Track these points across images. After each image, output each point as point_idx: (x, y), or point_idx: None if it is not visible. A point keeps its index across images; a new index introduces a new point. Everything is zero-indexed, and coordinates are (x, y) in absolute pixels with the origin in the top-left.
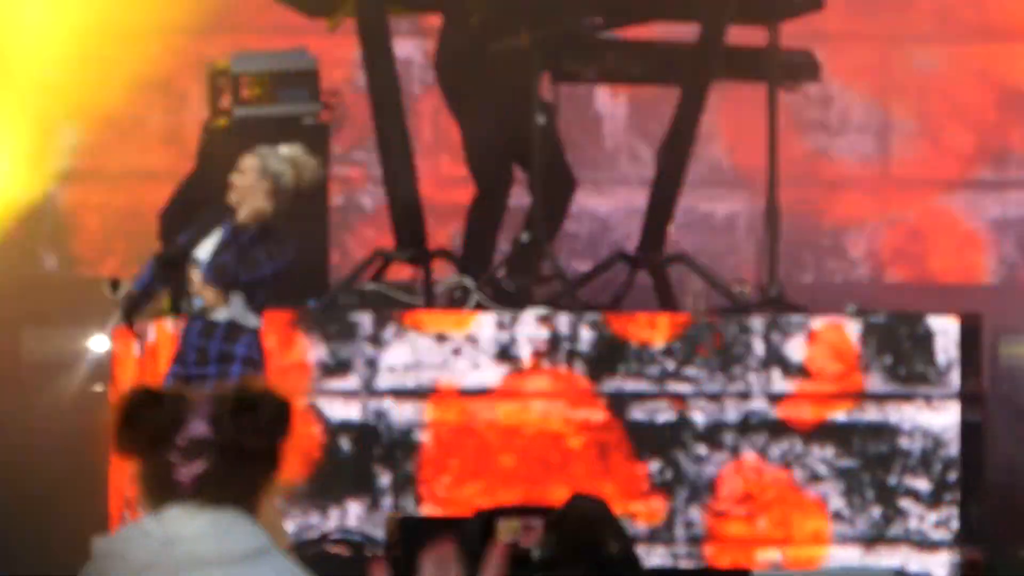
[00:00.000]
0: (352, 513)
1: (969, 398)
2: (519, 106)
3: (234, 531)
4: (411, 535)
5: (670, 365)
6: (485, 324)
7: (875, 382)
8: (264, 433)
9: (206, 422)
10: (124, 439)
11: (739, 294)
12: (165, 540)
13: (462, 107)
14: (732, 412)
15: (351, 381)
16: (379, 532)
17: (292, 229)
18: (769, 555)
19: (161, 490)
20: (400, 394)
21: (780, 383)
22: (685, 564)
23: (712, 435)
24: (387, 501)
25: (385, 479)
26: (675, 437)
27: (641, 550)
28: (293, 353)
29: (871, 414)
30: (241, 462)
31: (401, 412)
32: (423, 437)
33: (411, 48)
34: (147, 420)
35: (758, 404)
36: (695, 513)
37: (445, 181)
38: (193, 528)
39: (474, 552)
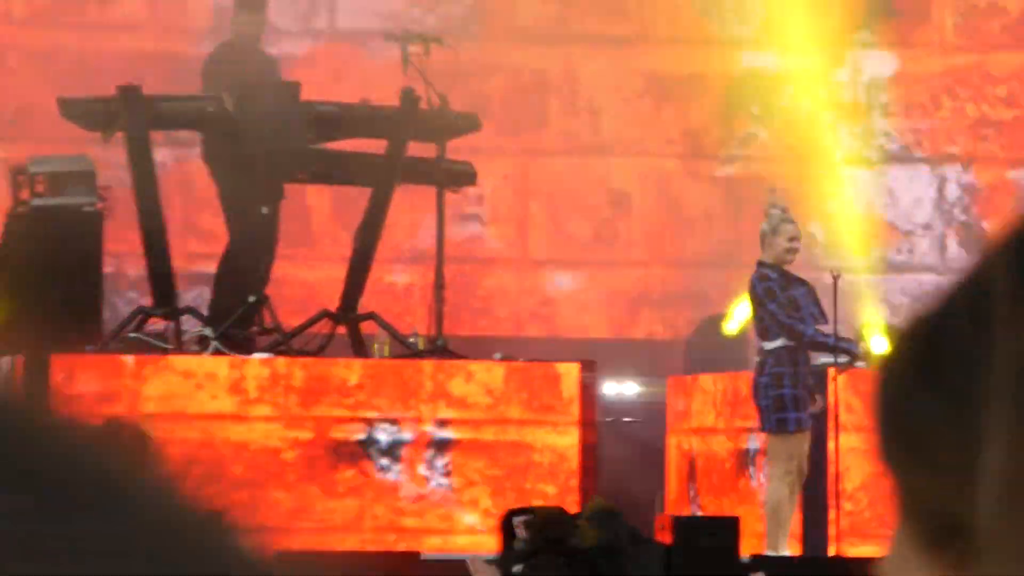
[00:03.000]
0: None
1: (586, 424)
2: (254, 195)
3: None
4: None
5: (362, 397)
6: (221, 365)
7: (516, 411)
8: None
9: None
10: None
11: (413, 344)
12: None
13: (222, 189)
14: (408, 432)
15: (117, 408)
16: None
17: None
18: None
19: None
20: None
21: (445, 411)
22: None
23: (392, 450)
24: None
25: None
26: (365, 452)
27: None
28: (76, 386)
29: (512, 435)
30: None
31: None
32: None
33: (166, 154)
34: None
35: (428, 427)
36: (380, 509)
37: (192, 256)
38: None
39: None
